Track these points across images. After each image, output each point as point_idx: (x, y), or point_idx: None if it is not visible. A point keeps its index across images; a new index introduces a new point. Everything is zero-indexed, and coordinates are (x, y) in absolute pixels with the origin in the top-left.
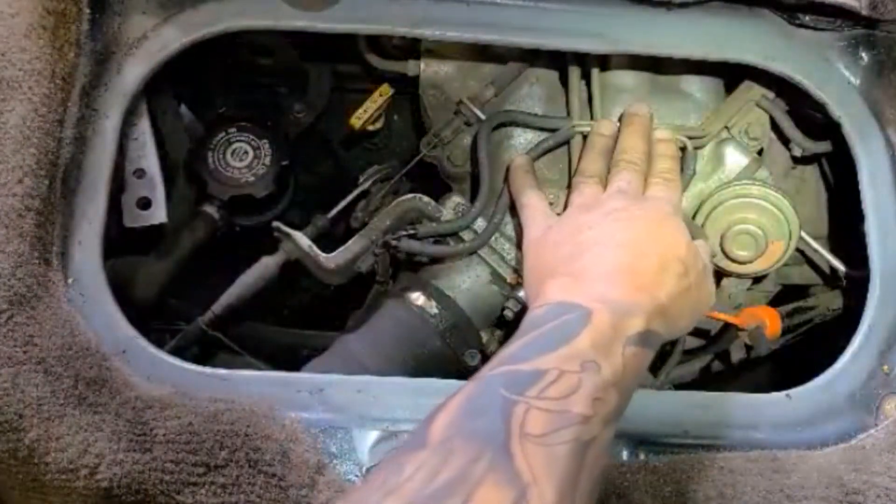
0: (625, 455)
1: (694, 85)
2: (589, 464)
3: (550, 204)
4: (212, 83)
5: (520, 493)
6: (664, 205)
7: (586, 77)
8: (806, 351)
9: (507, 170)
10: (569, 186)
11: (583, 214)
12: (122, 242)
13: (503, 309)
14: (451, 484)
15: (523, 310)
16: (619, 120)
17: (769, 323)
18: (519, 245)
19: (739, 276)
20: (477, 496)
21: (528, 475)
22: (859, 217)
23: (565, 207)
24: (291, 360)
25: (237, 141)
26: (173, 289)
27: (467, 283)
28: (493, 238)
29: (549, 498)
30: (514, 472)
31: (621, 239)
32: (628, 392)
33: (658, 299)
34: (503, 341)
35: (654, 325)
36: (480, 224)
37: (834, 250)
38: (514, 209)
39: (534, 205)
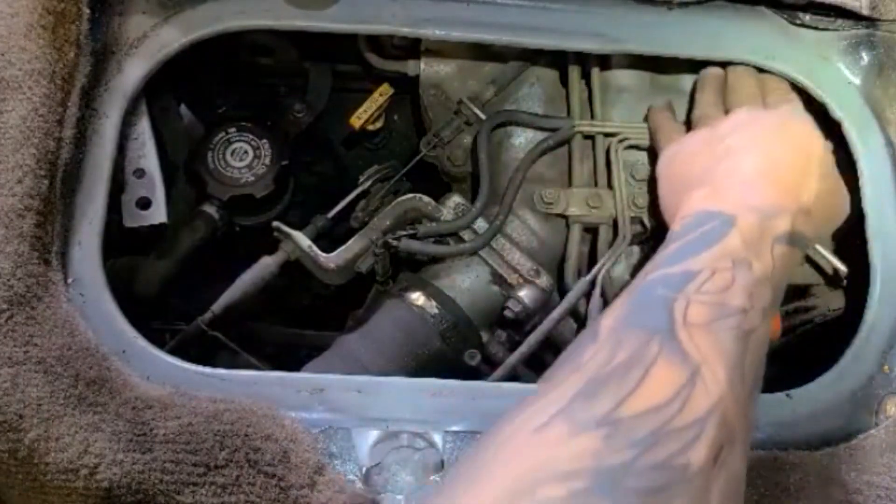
0: None
1: None
2: (752, 350)
3: (550, 204)
4: (212, 83)
5: (693, 371)
6: (792, 111)
7: (587, 77)
8: (806, 351)
9: (648, 111)
10: (569, 186)
11: (714, 129)
12: (122, 242)
13: (503, 309)
14: (628, 363)
15: (524, 310)
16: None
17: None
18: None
19: None
20: (653, 372)
21: (698, 356)
22: (859, 217)
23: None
24: (291, 360)
25: (237, 141)
26: (173, 288)
27: (467, 283)
28: (493, 238)
29: (721, 376)
30: (684, 354)
31: (756, 145)
32: (780, 289)
33: (801, 201)
34: (503, 341)
35: (800, 226)
36: (481, 224)
37: (834, 250)
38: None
39: (668, 127)
